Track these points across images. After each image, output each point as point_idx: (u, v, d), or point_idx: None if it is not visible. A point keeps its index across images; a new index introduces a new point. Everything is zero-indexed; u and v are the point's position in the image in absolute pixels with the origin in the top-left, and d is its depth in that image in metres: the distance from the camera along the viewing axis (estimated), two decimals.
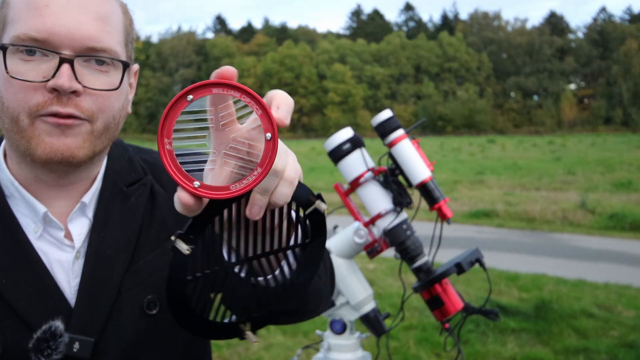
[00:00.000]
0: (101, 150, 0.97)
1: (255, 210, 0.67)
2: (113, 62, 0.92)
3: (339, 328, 1.58)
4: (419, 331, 4.80)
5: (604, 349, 4.40)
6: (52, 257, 0.94)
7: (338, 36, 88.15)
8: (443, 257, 1.68)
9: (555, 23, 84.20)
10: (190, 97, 0.62)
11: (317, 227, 0.76)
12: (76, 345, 0.86)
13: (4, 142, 0.99)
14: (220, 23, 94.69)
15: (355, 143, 1.52)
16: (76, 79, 0.87)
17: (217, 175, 0.66)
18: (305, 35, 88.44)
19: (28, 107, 0.87)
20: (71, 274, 0.94)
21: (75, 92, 0.88)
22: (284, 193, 0.67)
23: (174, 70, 77.00)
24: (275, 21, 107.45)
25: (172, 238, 0.68)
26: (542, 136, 55.67)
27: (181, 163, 0.63)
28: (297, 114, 75.36)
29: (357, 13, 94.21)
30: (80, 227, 0.97)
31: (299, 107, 75.07)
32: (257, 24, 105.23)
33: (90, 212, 0.99)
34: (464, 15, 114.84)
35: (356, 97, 73.71)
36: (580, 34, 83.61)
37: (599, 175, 16.92)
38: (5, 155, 0.99)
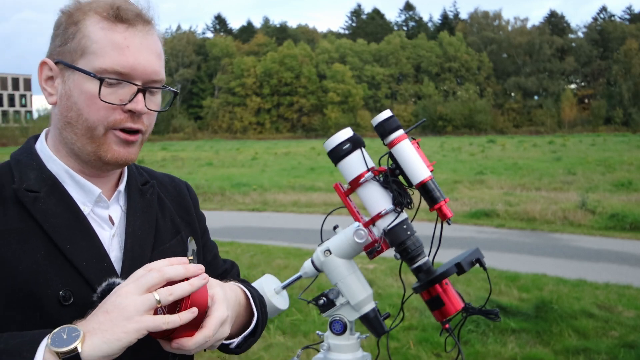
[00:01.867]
0: None
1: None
2: (163, 89, 1.23)
3: (339, 328, 1.57)
4: (419, 331, 4.80)
5: (604, 349, 4.39)
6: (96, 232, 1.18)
7: (338, 36, 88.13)
8: (443, 257, 1.67)
9: (555, 23, 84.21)
10: None
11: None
12: None
13: (48, 138, 1.23)
14: (220, 23, 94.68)
15: (355, 143, 1.52)
16: (145, 104, 1.16)
17: None
18: (305, 35, 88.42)
19: (107, 122, 1.14)
20: (110, 248, 1.17)
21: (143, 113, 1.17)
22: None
23: (174, 70, 77.00)
24: (275, 21, 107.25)
25: None
26: (542, 136, 55.68)
27: None
28: (297, 113, 75.37)
29: (357, 13, 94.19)
30: (115, 212, 1.23)
31: (299, 107, 75.08)
32: (257, 24, 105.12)
33: (121, 200, 1.25)
34: (464, 15, 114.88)
35: (356, 97, 73.70)
36: (580, 34, 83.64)
37: (599, 175, 16.93)
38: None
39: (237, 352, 1.31)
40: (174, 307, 0.99)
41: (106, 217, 1.21)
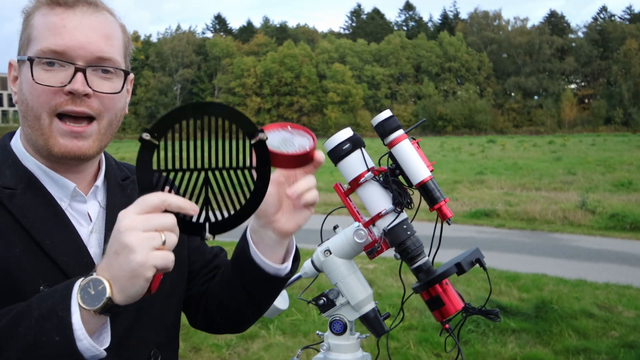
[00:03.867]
0: (106, 145, 1.20)
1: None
2: (116, 71, 1.16)
3: (339, 328, 1.57)
4: (419, 331, 4.80)
5: (604, 349, 4.39)
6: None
7: (338, 36, 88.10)
8: (443, 257, 1.67)
9: (555, 23, 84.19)
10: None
11: (262, 155, 0.99)
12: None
13: (20, 136, 1.21)
14: (220, 23, 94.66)
15: (355, 143, 1.52)
16: (87, 84, 1.10)
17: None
18: (305, 35, 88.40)
19: (48, 107, 1.09)
20: (88, 245, 1.16)
21: (86, 95, 1.11)
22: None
23: (174, 70, 76.97)
24: (275, 21, 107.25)
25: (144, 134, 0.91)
26: (542, 136, 55.65)
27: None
28: (297, 113, 75.31)
29: (357, 12, 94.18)
30: (93, 207, 1.21)
31: (299, 107, 75.06)
32: (257, 24, 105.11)
33: (99, 196, 1.23)
34: (464, 15, 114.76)
35: (356, 97, 73.66)
36: (580, 34, 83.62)
37: (599, 175, 16.91)
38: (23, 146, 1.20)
39: (289, 277, 1.27)
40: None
41: (85, 212, 1.19)
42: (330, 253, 1.57)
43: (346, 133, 1.52)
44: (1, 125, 70.37)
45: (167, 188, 0.94)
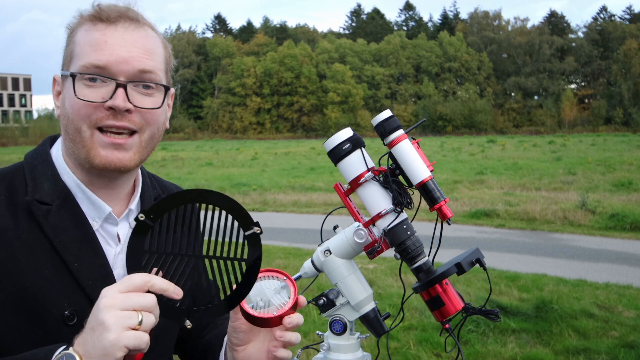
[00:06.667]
0: (146, 159, 1.21)
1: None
2: (157, 86, 1.18)
3: (339, 328, 1.57)
4: (419, 331, 4.80)
5: (604, 349, 4.39)
6: (103, 249, 1.18)
7: (338, 36, 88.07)
8: (443, 257, 1.67)
9: (555, 23, 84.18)
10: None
11: (254, 248, 0.99)
12: None
13: (61, 148, 1.22)
14: (220, 23, 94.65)
15: (355, 143, 1.52)
16: (128, 99, 1.12)
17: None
18: (305, 35, 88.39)
19: (89, 120, 1.11)
20: (114, 266, 1.18)
21: (127, 110, 1.13)
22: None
23: (174, 70, 76.96)
24: (275, 21, 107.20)
25: (140, 215, 0.93)
26: (542, 136, 55.62)
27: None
28: (297, 113, 75.32)
29: (357, 12, 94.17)
30: (123, 229, 1.23)
31: (299, 107, 75.05)
32: (257, 24, 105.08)
33: (131, 218, 1.23)
34: (464, 15, 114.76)
35: (356, 97, 73.65)
36: (580, 34, 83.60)
37: (599, 175, 16.91)
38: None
39: None
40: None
41: (114, 234, 1.21)
42: (330, 253, 1.57)
43: (346, 133, 1.52)
44: (1, 125, 70.39)
45: (154, 270, 0.94)
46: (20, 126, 69.42)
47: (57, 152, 1.22)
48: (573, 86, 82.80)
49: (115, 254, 1.20)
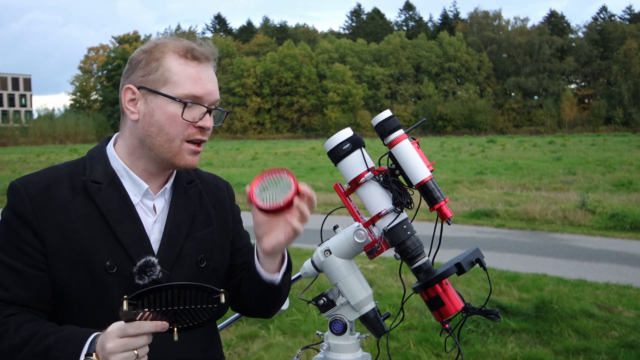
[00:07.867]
0: None
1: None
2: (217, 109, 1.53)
3: (339, 328, 1.57)
4: (419, 331, 4.79)
5: (604, 349, 4.39)
6: (141, 218, 1.49)
7: (338, 36, 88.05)
8: (443, 257, 1.67)
9: (555, 23, 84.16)
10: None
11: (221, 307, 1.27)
12: (160, 273, 1.43)
13: (114, 142, 1.55)
14: (219, 23, 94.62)
15: (355, 143, 1.52)
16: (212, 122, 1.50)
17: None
18: (305, 35, 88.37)
19: (183, 135, 1.46)
20: (151, 232, 1.48)
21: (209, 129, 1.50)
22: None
23: None
24: (275, 21, 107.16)
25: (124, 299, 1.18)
26: (542, 136, 55.58)
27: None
28: (297, 113, 75.32)
29: (357, 12, 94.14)
30: (160, 204, 1.53)
31: (299, 107, 75.04)
32: (257, 24, 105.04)
33: (166, 195, 1.56)
34: (464, 15, 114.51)
35: (356, 97, 73.64)
36: (580, 34, 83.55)
37: (599, 175, 16.90)
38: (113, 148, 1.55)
39: (282, 286, 1.55)
40: None
41: (151, 206, 1.52)
42: (330, 253, 1.57)
43: (346, 133, 1.52)
44: (1, 125, 70.36)
45: (146, 313, 1.21)
46: (20, 126, 69.39)
47: (110, 147, 1.54)
48: (573, 86, 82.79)
49: (152, 222, 1.50)
